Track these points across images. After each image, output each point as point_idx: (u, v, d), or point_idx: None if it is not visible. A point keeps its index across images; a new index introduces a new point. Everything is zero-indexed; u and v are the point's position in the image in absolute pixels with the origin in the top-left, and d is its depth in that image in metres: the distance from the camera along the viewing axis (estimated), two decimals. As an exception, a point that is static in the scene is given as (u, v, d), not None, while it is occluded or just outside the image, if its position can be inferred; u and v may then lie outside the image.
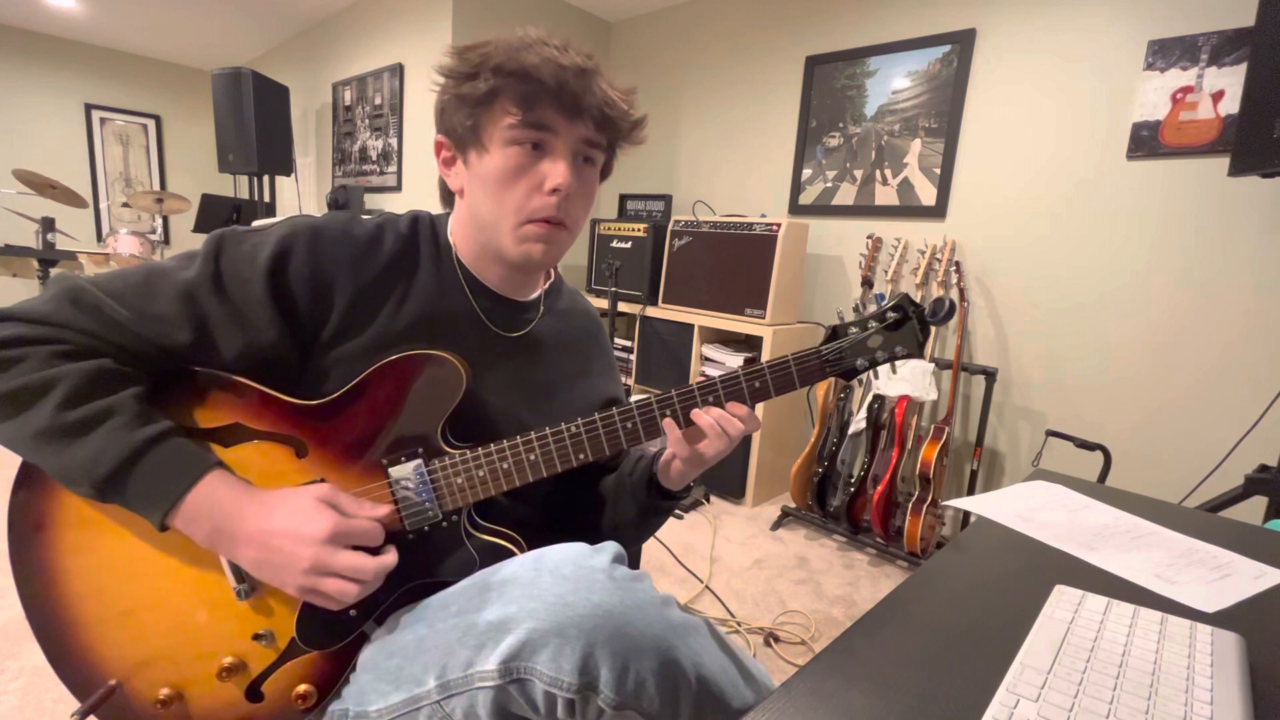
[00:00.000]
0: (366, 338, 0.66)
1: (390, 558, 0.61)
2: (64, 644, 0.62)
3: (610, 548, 0.59)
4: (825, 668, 0.46)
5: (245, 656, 0.64)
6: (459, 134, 0.67)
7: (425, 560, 0.66)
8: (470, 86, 0.64)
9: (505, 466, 0.66)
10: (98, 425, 0.55)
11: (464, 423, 0.68)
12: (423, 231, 0.73)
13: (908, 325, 0.67)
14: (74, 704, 0.62)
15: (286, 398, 0.64)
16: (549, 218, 0.66)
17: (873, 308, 0.69)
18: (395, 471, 0.65)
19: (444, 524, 0.66)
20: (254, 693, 0.64)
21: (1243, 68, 1.64)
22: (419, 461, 0.65)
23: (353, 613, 0.65)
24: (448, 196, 0.76)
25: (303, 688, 0.64)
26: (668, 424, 0.67)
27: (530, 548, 0.65)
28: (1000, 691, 0.41)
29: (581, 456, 0.67)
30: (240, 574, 0.63)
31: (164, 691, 0.62)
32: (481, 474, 0.66)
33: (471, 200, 0.69)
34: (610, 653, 0.51)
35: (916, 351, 0.67)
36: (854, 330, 0.67)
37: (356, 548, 0.60)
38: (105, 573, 0.62)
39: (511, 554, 0.66)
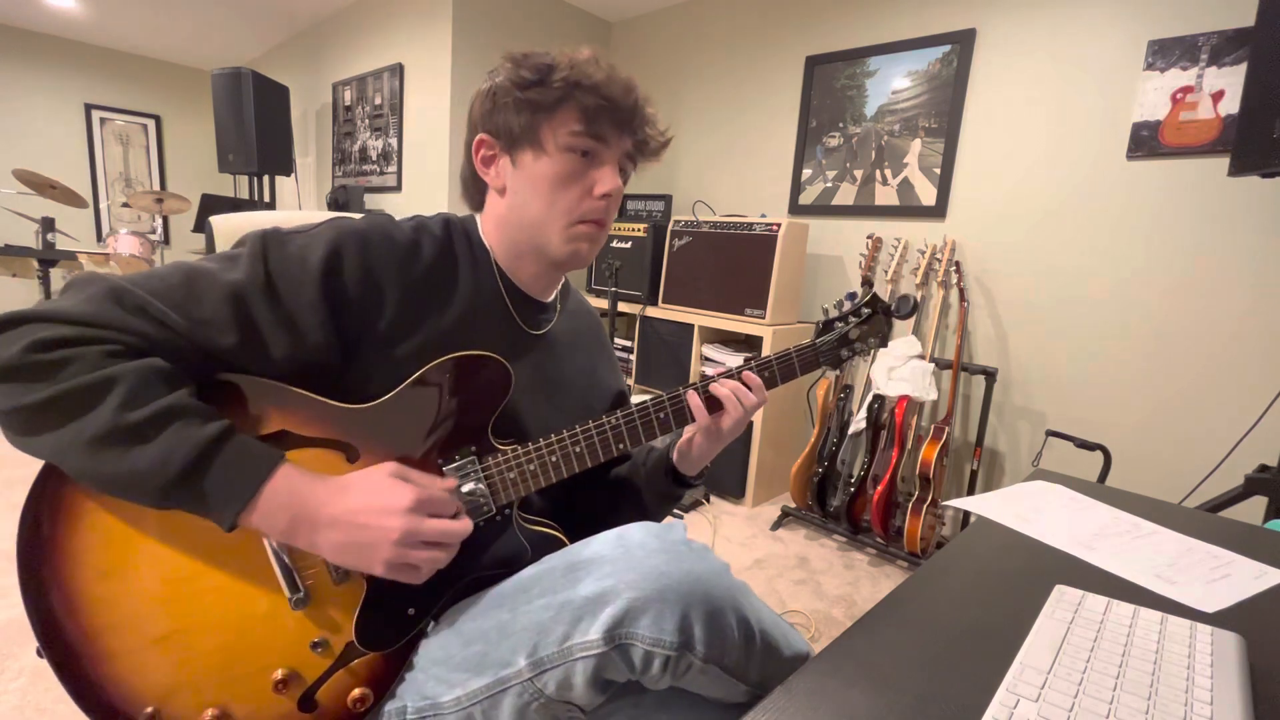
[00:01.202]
0: (417, 340, 0.67)
1: (469, 522, 0.63)
2: (92, 679, 0.58)
3: (679, 525, 0.64)
4: (825, 668, 0.46)
5: (299, 667, 0.62)
6: (513, 134, 0.69)
7: (479, 554, 0.68)
8: (537, 92, 0.67)
9: (554, 459, 0.70)
10: (165, 425, 0.53)
11: (499, 419, 0.70)
12: (456, 234, 0.74)
13: (878, 319, 0.79)
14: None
15: (334, 402, 0.63)
16: (598, 219, 0.71)
17: (847, 304, 0.80)
18: (450, 470, 0.67)
19: (498, 518, 0.69)
20: (308, 702, 0.63)
21: (1243, 68, 1.64)
22: (473, 459, 0.67)
23: (411, 611, 0.65)
24: (476, 194, 0.77)
25: (358, 691, 0.63)
26: (690, 395, 0.72)
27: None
28: (1000, 691, 0.41)
29: (621, 446, 0.72)
30: (295, 583, 0.61)
31: (210, 712, 0.60)
32: (532, 468, 0.69)
33: (517, 199, 0.71)
34: (702, 613, 0.56)
35: (884, 342, 0.80)
36: (839, 325, 0.78)
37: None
38: (138, 599, 0.58)
39: (560, 541, 0.72)
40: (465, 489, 0.67)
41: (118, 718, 0.59)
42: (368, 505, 0.58)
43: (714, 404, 0.73)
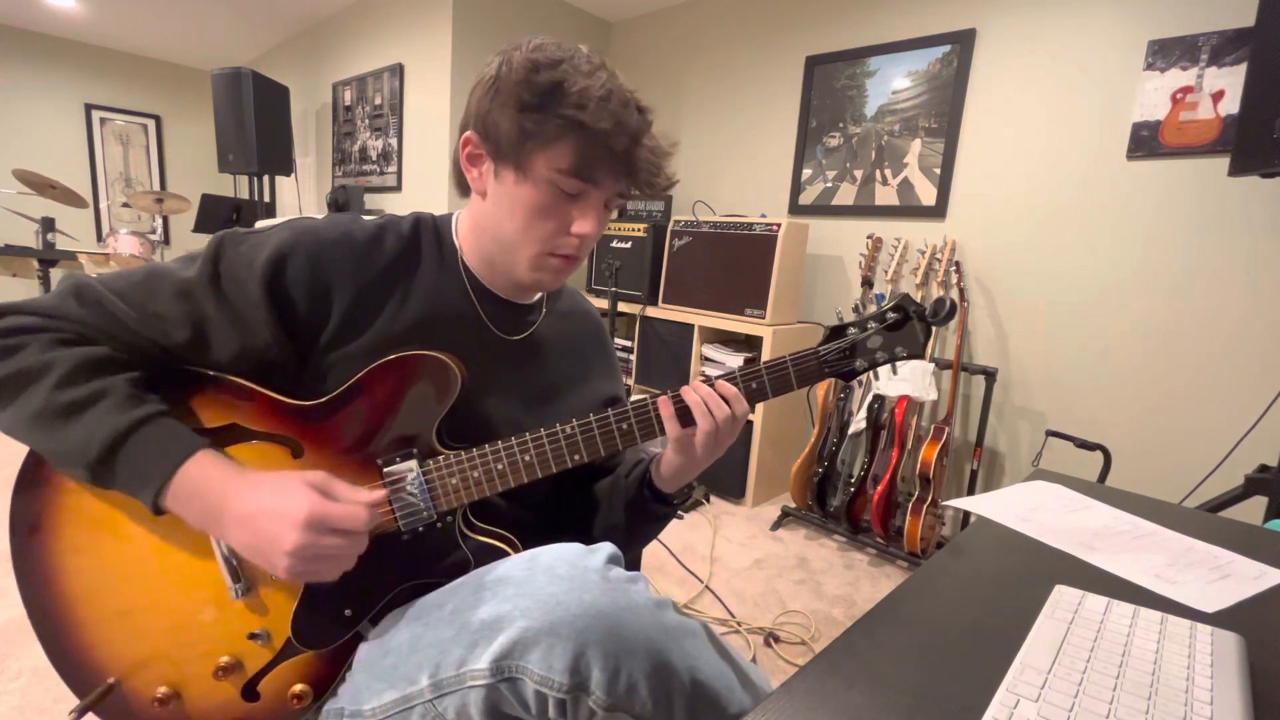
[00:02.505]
0: (367, 339, 0.66)
1: (362, 543, 0.60)
2: (63, 643, 0.63)
3: (605, 548, 0.60)
4: (825, 668, 0.46)
5: (241, 656, 0.64)
6: (500, 147, 0.64)
7: (420, 561, 0.66)
8: (535, 120, 0.61)
9: (500, 467, 0.66)
10: (90, 406, 0.57)
11: (464, 425, 0.68)
12: (425, 233, 0.73)
13: (908, 325, 0.66)
14: (74, 702, 0.62)
15: (283, 398, 0.64)
16: (570, 254, 0.68)
17: (872, 308, 0.67)
18: (390, 471, 0.65)
19: (438, 524, 0.67)
20: (250, 692, 0.64)
21: (1243, 68, 1.64)
22: (414, 462, 0.65)
23: (347, 613, 0.65)
24: (464, 186, 0.75)
25: (298, 687, 0.64)
26: (662, 403, 0.66)
27: (525, 549, 0.65)
28: (1000, 691, 0.41)
29: (577, 457, 0.67)
30: (236, 573, 0.63)
31: (161, 690, 0.63)
32: (476, 474, 0.66)
33: (494, 213, 0.69)
34: (602, 653, 0.51)
35: (918, 352, 0.67)
36: (853, 331, 0.66)
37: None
38: (103, 573, 0.62)
39: (506, 555, 0.66)
40: (401, 493, 0.65)
41: (86, 683, 0.63)
42: (267, 509, 0.56)
43: (687, 415, 0.66)
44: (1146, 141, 1.88)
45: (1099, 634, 0.48)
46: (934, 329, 0.67)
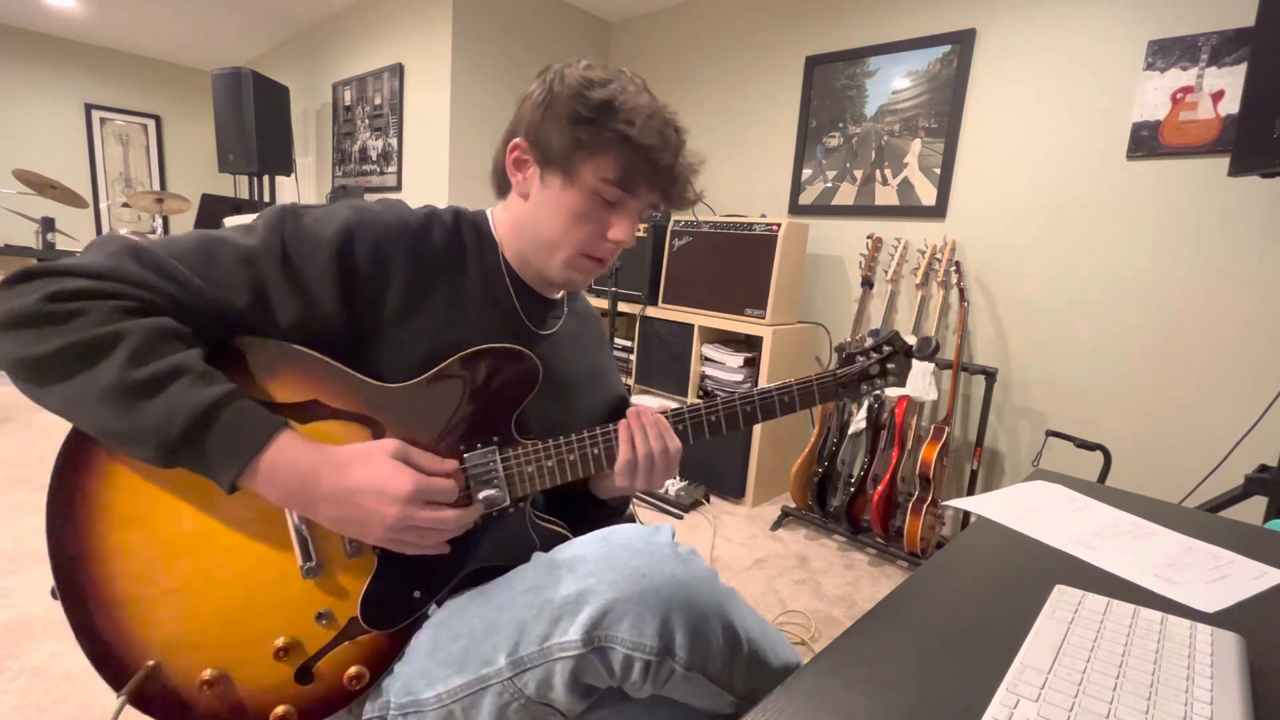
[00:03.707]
0: (423, 321, 0.68)
1: (464, 512, 0.64)
2: (100, 623, 0.59)
3: (666, 528, 0.64)
4: (825, 668, 0.46)
5: (302, 637, 0.63)
6: (550, 155, 0.69)
7: (492, 545, 0.69)
8: (587, 131, 0.66)
9: (572, 458, 0.70)
10: (168, 383, 0.54)
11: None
12: (466, 227, 0.75)
13: (899, 359, 0.79)
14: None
15: (367, 379, 0.65)
16: (602, 258, 0.73)
17: (869, 341, 0.81)
18: (471, 458, 0.67)
19: (511, 510, 0.70)
20: (305, 674, 0.63)
21: (1243, 68, 1.64)
22: (494, 448, 0.68)
23: (416, 594, 0.66)
24: (502, 185, 0.78)
25: (355, 669, 0.64)
26: (631, 412, 0.72)
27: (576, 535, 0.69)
28: (1000, 691, 0.41)
29: None
30: (309, 552, 0.62)
31: (208, 673, 0.61)
32: (550, 464, 0.69)
33: (535, 214, 0.72)
34: (684, 618, 0.55)
35: (903, 382, 0.80)
36: (860, 359, 0.79)
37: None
38: (153, 550, 0.60)
39: (567, 540, 0.70)
40: (482, 492, 0.67)
41: (120, 665, 0.60)
42: (365, 487, 0.59)
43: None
44: (1146, 141, 1.88)
45: (1099, 634, 0.48)
46: (917, 362, 0.81)
